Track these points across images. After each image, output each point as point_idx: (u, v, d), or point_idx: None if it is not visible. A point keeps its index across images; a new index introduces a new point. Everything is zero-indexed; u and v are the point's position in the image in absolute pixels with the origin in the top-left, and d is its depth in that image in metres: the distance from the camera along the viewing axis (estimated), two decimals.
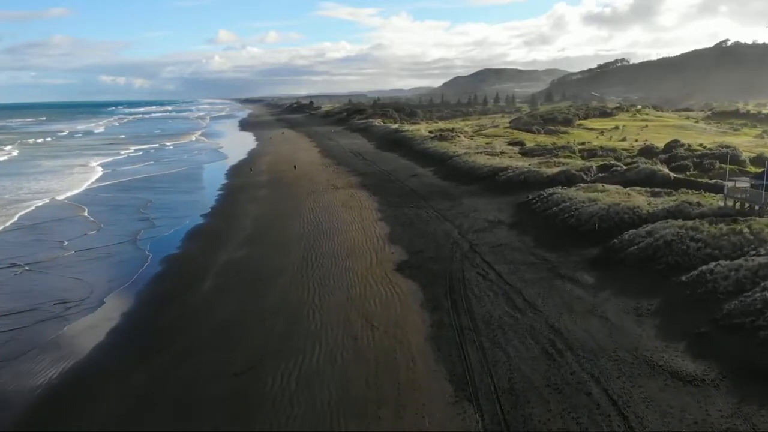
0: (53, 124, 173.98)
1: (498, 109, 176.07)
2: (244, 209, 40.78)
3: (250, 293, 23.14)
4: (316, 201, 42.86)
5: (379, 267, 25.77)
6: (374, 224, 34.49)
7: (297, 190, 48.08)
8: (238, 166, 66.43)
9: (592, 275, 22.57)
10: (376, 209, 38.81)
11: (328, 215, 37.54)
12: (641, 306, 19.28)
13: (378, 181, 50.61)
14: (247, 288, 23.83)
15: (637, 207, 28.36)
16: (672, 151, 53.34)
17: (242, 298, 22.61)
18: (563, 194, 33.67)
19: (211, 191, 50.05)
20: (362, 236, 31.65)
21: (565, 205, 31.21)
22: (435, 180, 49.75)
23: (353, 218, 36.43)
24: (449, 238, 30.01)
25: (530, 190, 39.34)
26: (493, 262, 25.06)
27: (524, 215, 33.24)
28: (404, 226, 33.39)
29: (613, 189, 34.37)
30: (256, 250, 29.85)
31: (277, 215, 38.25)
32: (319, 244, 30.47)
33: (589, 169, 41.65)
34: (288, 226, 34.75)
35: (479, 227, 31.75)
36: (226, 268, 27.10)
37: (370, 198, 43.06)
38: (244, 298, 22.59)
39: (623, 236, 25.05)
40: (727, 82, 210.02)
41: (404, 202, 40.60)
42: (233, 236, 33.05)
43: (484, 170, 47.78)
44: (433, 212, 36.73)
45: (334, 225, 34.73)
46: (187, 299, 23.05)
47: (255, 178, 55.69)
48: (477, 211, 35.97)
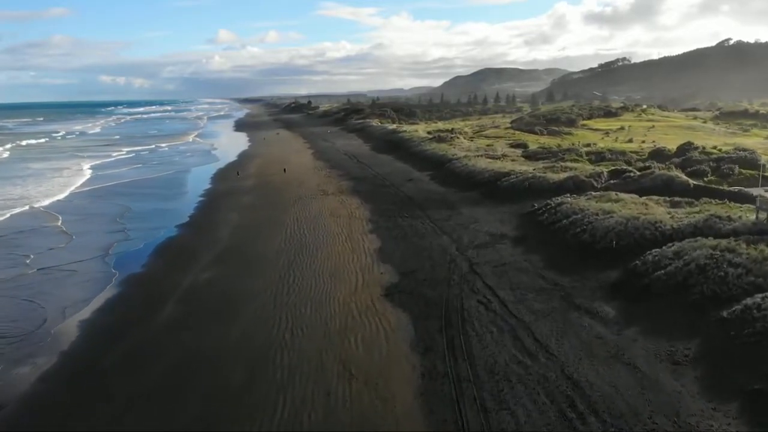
0: (50, 125, 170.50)
1: (498, 109, 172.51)
2: (223, 218, 37.41)
3: (211, 326, 19.78)
4: (303, 209, 39.49)
5: (365, 291, 22.43)
6: (364, 237, 31.14)
7: (284, 196, 44.71)
8: (226, 169, 63.01)
9: (613, 306, 19.19)
10: (367, 219, 35.45)
11: (314, 226, 34.18)
12: (676, 350, 15.91)
13: (371, 187, 47.26)
14: (209, 319, 20.47)
15: (660, 221, 24.97)
16: (685, 154, 49.96)
17: (201, 333, 19.25)
18: (573, 204, 30.29)
19: (193, 197, 46.67)
20: (349, 252, 28.30)
21: (577, 217, 27.84)
22: (432, 186, 46.37)
23: (341, 230, 33.07)
24: (446, 255, 26.65)
25: (535, 198, 35.99)
26: (496, 286, 21.70)
27: (530, 228, 29.87)
28: (397, 240, 30.04)
29: (629, 198, 31.00)
30: (228, 270, 26.48)
31: (258, 226, 34.89)
32: (300, 261, 27.11)
33: (600, 174, 38.27)
34: (268, 240, 31.39)
35: (480, 242, 28.38)
36: (190, 292, 23.75)
37: (361, 206, 39.69)
38: (203, 333, 19.23)
39: (646, 257, 21.69)
40: (731, 81, 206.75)
41: (398, 211, 37.25)
42: (206, 251, 29.70)
43: (484, 175, 44.41)
44: (429, 223, 33.37)
45: (320, 238, 31.37)
46: (138, 333, 19.69)
47: (241, 183, 52.32)
48: (477, 222, 32.60)
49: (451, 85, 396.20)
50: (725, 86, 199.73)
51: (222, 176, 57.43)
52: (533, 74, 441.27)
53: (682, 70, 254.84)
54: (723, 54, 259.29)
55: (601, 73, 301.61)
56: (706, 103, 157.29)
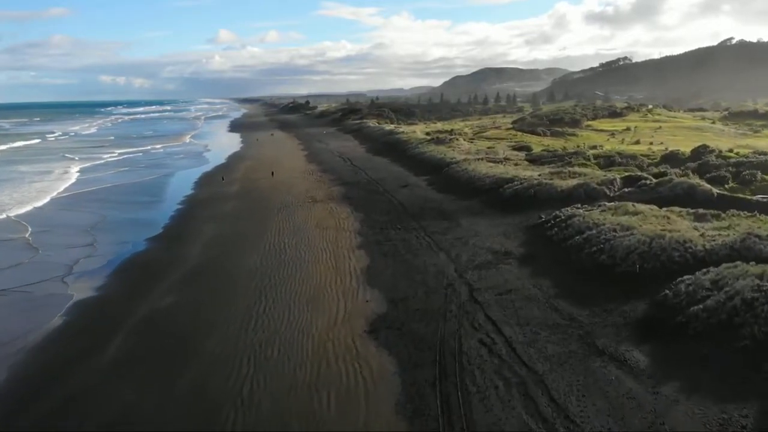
0: (47, 125, 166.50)
1: (499, 109, 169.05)
2: (198, 230, 34.04)
3: (157, 373, 16.40)
4: (287, 219, 36.11)
5: (346, 325, 19.06)
6: (350, 253, 27.77)
7: (268, 203, 41.33)
8: (213, 173, 59.58)
9: (644, 351, 15.81)
10: (356, 231, 32.08)
11: (297, 240, 30.80)
12: (730, 418, 12.56)
13: (364, 193, 43.89)
14: (158, 363, 17.09)
15: (689, 241, 21.57)
16: (701, 157, 46.49)
17: (144, 383, 15.86)
18: (586, 217, 26.91)
19: (171, 205, 43.22)
20: (333, 272, 24.92)
21: (591, 233, 24.44)
22: (429, 192, 42.99)
23: (327, 244, 29.70)
24: (443, 277, 23.29)
25: (542, 207, 32.65)
26: (501, 321, 18.33)
27: (538, 245, 26.47)
28: (387, 258, 26.66)
29: (647, 210, 27.63)
30: (192, 294, 23.10)
31: (234, 239, 31.50)
32: (275, 284, 23.72)
33: (612, 182, 34.88)
34: (243, 256, 28.00)
35: (481, 261, 25.00)
36: (144, 324, 20.38)
37: (351, 215, 36.32)
38: (146, 383, 15.84)
39: (678, 286, 18.32)
40: (734, 80, 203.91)
41: (391, 222, 33.89)
42: (172, 271, 26.33)
43: (486, 181, 41.02)
44: (424, 237, 30.00)
45: (301, 254, 27.99)
46: (70, 381, 16.32)
47: (225, 189, 48.94)
48: (478, 236, 29.22)
49: (451, 85, 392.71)
50: (729, 86, 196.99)
51: (207, 181, 54.03)
52: (533, 74, 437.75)
53: (684, 69, 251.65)
54: (726, 53, 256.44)
55: (602, 73, 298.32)
56: (710, 103, 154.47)
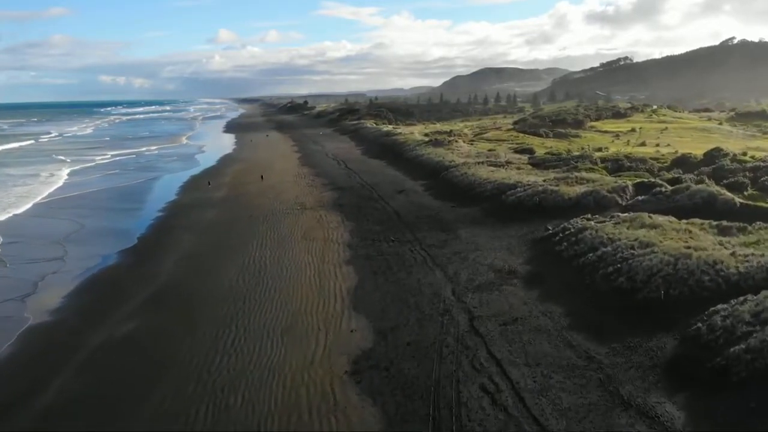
0: (43, 126, 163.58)
1: (499, 109, 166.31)
2: (175, 242, 31.37)
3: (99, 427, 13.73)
4: (272, 229, 33.41)
5: (325, 364, 16.36)
6: (337, 270, 25.07)
7: (254, 211, 38.63)
8: (201, 177, 56.82)
9: (678, 403, 13.11)
10: (346, 244, 29.38)
11: (280, 253, 28.10)
12: None
13: (357, 200, 41.18)
14: (99, 413, 14.41)
15: (720, 261, 18.86)
16: (715, 161, 43.71)
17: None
18: (599, 231, 24.19)
19: (152, 212, 40.55)
20: (316, 294, 22.23)
21: (606, 251, 21.73)
22: (426, 199, 40.28)
23: (312, 259, 27.00)
24: (439, 300, 20.60)
25: (548, 217, 29.99)
26: (506, 360, 15.64)
27: (546, 262, 23.75)
28: (377, 276, 23.96)
29: (666, 223, 24.92)
30: (155, 320, 20.42)
31: (212, 253, 28.80)
32: (249, 308, 21.03)
33: (624, 189, 32.18)
34: (218, 273, 25.30)
35: (482, 281, 22.30)
36: (95, 358, 17.71)
37: (341, 225, 33.63)
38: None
39: (713, 319, 15.66)
40: (737, 80, 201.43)
41: (384, 233, 31.20)
42: (139, 290, 23.64)
43: (486, 187, 38.31)
44: (419, 250, 27.29)
45: (283, 272, 25.29)
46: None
47: (211, 194, 46.24)
48: (479, 250, 26.51)
49: (451, 85, 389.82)
50: (732, 86, 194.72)
51: (193, 185, 51.32)
52: (533, 74, 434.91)
53: (686, 69, 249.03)
54: (728, 53, 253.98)
55: (602, 73, 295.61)
56: (714, 103, 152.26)
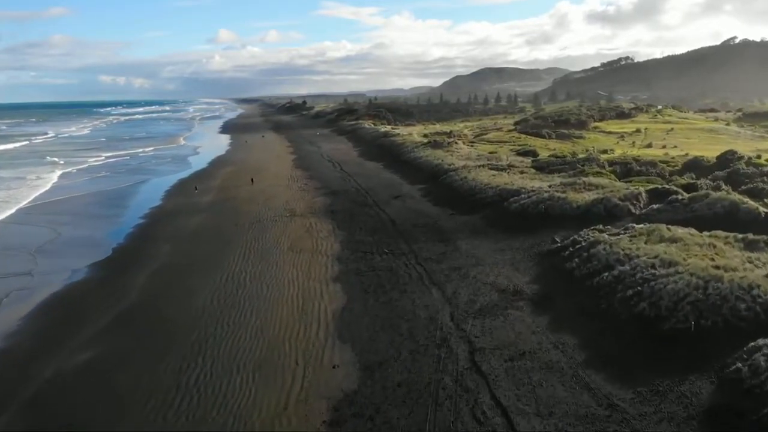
0: (40, 126, 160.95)
1: (500, 109, 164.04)
2: (151, 254, 28.95)
3: None
4: (257, 239, 31.01)
5: (300, 411, 13.95)
6: (324, 288, 22.67)
7: (239, 218, 36.21)
8: (189, 180, 54.41)
9: None
10: (335, 257, 26.97)
11: (263, 268, 25.68)
12: None
13: (350, 205, 38.77)
14: None
15: (755, 286, 16.41)
16: (729, 165, 41.40)
17: None
18: (614, 245, 21.76)
19: (133, 219, 38.13)
20: (297, 319, 19.82)
21: (624, 270, 19.30)
22: (423, 205, 37.86)
23: (297, 274, 24.60)
24: (436, 327, 18.19)
25: (555, 227, 27.61)
26: (513, 408, 13.22)
27: (555, 281, 21.33)
28: (368, 296, 21.55)
29: (687, 236, 22.51)
30: (114, 349, 18.01)
31: (188, 267, 26.35)
32: (221, 336, 18.62)
33: (637, 196, 29.73)
34: (192, 292, 22.88)
35: (484, 303, 19.89)
36: (38, 397, 15.32)
37: (332, 234, 31.23)
38: None
39: (754, 358, 13.26)
40: (739, 80, 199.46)
41: (377, 244, 28.79)
42: (102, 312, 21.25)
43: (488, 193, 35.92)
44: (415, 265, 24.88)
45: (263, 290, 22.87)
46: None
47: (197, 199, 43.83)
48: (480, 265, 24.10)
49: (451, 85, 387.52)
50: (735, 86, 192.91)
51: (180, 190, 48.88)
52: (534, 74, 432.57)
53: (687, 69, 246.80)
54: (730, 53, 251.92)
55: (603, 73, 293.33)
56: (718, 103, 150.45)
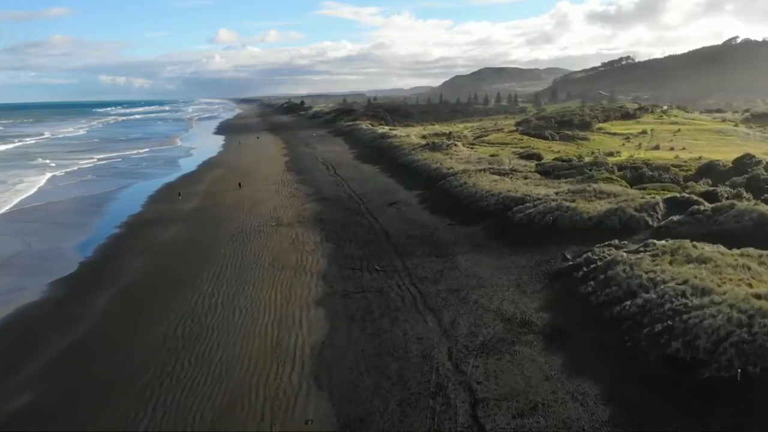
0: (36, 127, 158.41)
1: (500, 110, 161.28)
2: (120, 268, 26.23)
3: None
4: (237, 252, 28.26)
5: None
6: (304, 315, 19.94)
7: (221, 228, 33.49)
8: (176, 184, 51.74)
9: None
10: (320, 274, 24.24)
11: (238, 288, 22.95)
12: None
13: (341, 214, 36.06)
14: None
15: None
16: (747, 170, 38.57)
17: None
18: (634, 266, 18.99)
19: (108, 229, 35.42)
20: (269, 355, 17.07)
21: (649, 298, 16.56)
22: (420, 213, 35.13)
23: (276, 296, 21.87)
24: (431, 368, 15.46)
25: (565, 241, 24.91)
26: None
27: (569, 309, 18.55)
28: (353, 325, 18.80)
29: (715, 254, 19.78)
30: (54, 394, 15.28)
31: (155, 287, 23.62)
32: (179, 375, 15.88)
33: (654, 207, 26.97)
34: (156, 318, 20.14)
35: (488, 336, 17.14)
36: None
37: (319, 247, 28.50)
38: None
39: None
40: (742, 80, 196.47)
41: (368, 259, 26.07)
42: (51, 342, 18.57)
43: (490, 201, 33.20)
44: (408, 286, 22.14)
45: (234, 317, 20.14)
46: None
47: (179, 206, 41.11)
48: (482, 286, 21.37)
49: (451, 85, 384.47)
50: (738, 86, 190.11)
51: (163, 195, 46.11)
52: (533, 74, 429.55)
53: (689, 69, 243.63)
54: (732, 53, 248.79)
55: (604, 73, 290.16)
56: (721, 104, 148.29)
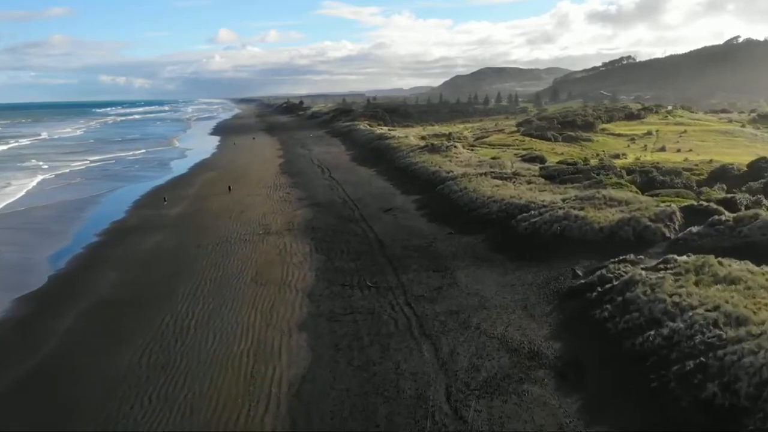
0: (35, 127, 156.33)
1: (501, 110, 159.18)
2: (92, 282, 24.13)
3: None
4: (218, 265, 26.11)
5: None
6: (284, 342, 17.82)
7: (204, 237, 31.36)
8: (164, 188, 49.70)
9: None
10: (306, 292, 22.11)
11: (215, 307, 20.82)
12: None
13: (334, 221, 33.94)
14: None
15: None
16: (764, 175, 36.52)
17: None
18: (656, 289, 16.85)
19: (87, 236, 33.36)
20: (240, 392, 14.94)
21: (676, 328, 14.42)
22: (417, 221, 33.01)
23: (255, 318, 19.75)
24: (425, 413, 13.34)
25: (575, 254, 22.82)
26: None
27: (584, 338, 16.37)
28: (339, 355, 16.67)
29: (745, 273, 17.66)
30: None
31: (128, 304, 21.48)
32: (134, 419, 13.78)
33: (671, 216, 24.80)
34: (121, 343, 18.02)
35: (492, 371, 15.00)
36: None
37: (307, 259, 26.38)
38: None
39: None
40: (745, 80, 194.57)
41: (360, 273, 23.96)
42: (3, 372, 16.49)
43: (492, 208, 31.07)
44: (402, 306, 20.01)
45: (207, 343, 18.01)
46: None
47: (165, 211, 39.01)
48: (485, 307, 19.23)
49: (451, 85, 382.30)
50: (740, 85, 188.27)
51: (150, 200, 43.96)
52: (533, 73, 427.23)
53: (691, 68, 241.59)
54: (734, 52, 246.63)
55: (604, 72, 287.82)
56: (725, 103, 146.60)
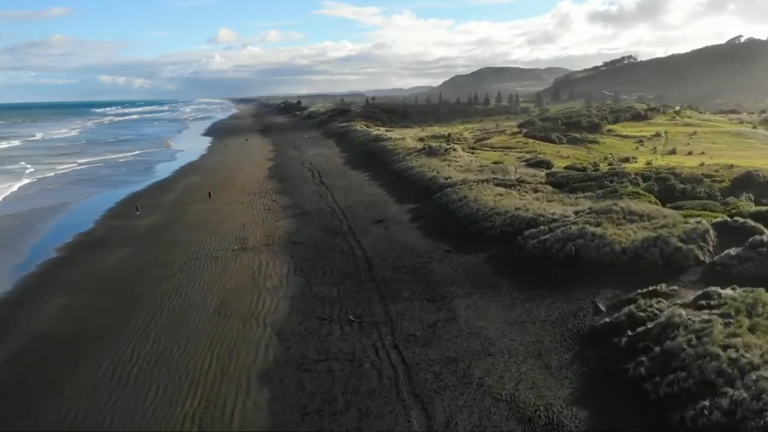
0: (30, 127, 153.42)
1: (501, 110, 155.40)
2: (36, 311, 20.69)
3: None
4: (180, 290, 22.62)
5: None
6: (238, 401, 14.36)
7: (174, 253, 27.86)
8: (143, 194, 46.31)
9: None
10: (276, 328, 18.62)
11: (165, 349, 17.35)
12: None
13: (319, 234, 30.47)
14: None
15: None
16: None
17: None
18: (704, 339, 13.41)
19: (46, 251, 29.97)
20: None
21: (738, 399, 10.87)
22: (411, 235, 29.48)
23: (209, 364, 16.28)
24: None
25: (593, 281, 19.39)
26: None
27: (616, 404, 12.85)
28: (304, 421, 13.20)
29: None
30: None
31: (68, 341, 17.97)
32: None
33: (704, 236, 21.31)
34: (45, 397, 14.58)
35: None
36: None
37: (283, 283, 22.91)
38: None
39: None
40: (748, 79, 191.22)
41: (342, 303, 20.49)
42: None
43: (495, 221, 27.58)
44: (389, 350, 16.52)
45: (146, 401, 14.53)
46: None
47: (136, 222, 35.57)
48: (489, 354, 15.75)
49: (451, 85, 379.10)
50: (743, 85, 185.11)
51: (122, 209, 40.41)
52: (534, 73, 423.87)
53: (693, 68, 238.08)
54: (734, 52, 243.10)
55: (605, 72, 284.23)
56: (731, 104, 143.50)
